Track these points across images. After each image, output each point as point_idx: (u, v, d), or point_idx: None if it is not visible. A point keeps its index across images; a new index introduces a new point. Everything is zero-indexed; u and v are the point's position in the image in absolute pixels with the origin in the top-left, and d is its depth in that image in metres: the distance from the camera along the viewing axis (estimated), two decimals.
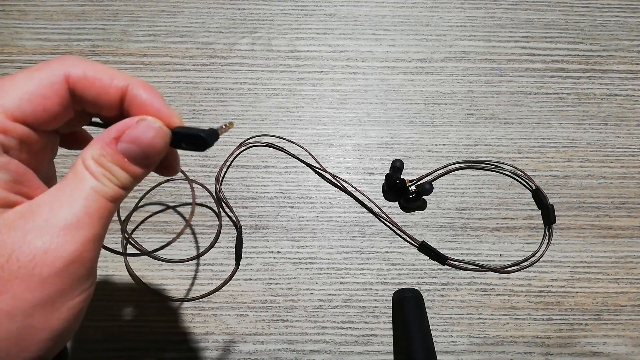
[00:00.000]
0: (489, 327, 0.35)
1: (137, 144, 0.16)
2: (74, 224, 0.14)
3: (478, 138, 0.41)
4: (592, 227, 0.38)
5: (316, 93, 0.43)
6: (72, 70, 0.16)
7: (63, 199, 0.15)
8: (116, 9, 0.45)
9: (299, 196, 0.39)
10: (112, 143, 0.16)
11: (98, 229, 0.15)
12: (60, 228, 0.14)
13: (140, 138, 0.16)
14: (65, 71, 0.16)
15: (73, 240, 0.14)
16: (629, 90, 0.43)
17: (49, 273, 0.14)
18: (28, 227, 0.14)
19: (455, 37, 0.45)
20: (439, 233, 0.38)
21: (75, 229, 0.14)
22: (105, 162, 0.16)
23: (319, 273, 0.37)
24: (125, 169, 0.16)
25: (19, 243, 0.14)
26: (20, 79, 0.15)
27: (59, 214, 0.14)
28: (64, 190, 0.15)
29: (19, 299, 0.14)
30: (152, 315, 0.35)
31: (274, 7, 0.46)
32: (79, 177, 0.15)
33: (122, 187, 0.16)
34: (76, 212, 0.15)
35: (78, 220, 0.15)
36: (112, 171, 0.16)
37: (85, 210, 0.15)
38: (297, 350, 0.34)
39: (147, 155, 0.16)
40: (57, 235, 0.14)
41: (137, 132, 0.16)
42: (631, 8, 0.46)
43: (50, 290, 0.14)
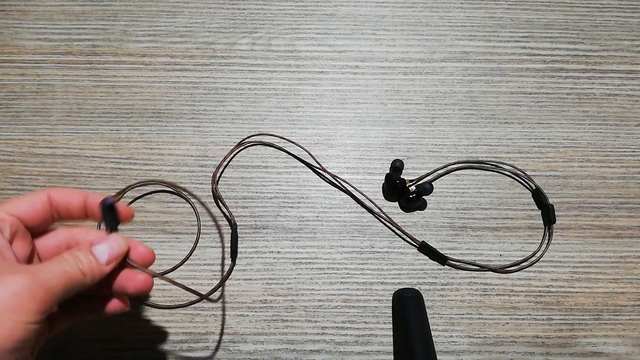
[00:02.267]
0: (489, 327, 0.35)
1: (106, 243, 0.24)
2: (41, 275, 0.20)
3: (478, 138, 0.41)
4: (592, 227, 0.38)
5: (316, 93, 0.43)
6: (51, 192, 0.25)
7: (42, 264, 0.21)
8: (116, 9, 0.45)
9: (299, 196, 0.39)
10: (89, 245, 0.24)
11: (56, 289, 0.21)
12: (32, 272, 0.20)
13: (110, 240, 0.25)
14: (47, 192, 0.25)
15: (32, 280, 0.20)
16: (629, 90, 0.43)
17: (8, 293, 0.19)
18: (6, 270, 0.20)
19: (455, 37, 0.45)
20: (439, 233, 0.38)
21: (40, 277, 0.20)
22: (78, 254, 0.23)
23: (319, 273, 0.37)
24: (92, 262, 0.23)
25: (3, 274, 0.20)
26: (19, 198, 0.24)
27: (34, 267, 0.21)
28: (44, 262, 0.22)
29: None
30: (152, 315, 0.35)
31: (274, 7, 0.46)
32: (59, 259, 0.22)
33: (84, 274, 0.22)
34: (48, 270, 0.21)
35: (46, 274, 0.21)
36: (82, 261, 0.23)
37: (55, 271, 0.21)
38: (297, 350, 0.34)
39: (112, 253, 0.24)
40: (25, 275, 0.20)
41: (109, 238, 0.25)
42: (631, 8, 0.46)
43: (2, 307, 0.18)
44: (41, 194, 0.24)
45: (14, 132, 0.40)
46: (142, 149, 0.40)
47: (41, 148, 0.40)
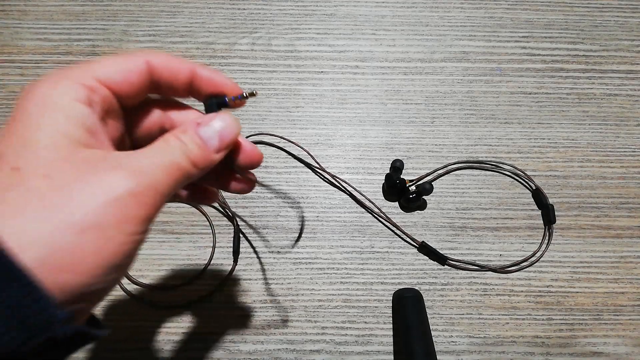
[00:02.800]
0: (489, 327, 0.35)
1: (214, 125, 0.19)
2: (145, 170, 0.16)
3: (478, 138, 0.41)
4: (592, 227, 0.38)
5: (316, 93, 0.43)
6: (152, 57, 0.19)
7: (141, 152, 0.17)
8: (116, 9, 0.45)
9: (299, 196, 0.39)
10: (193, 124, 0.19)
11: (164, 188, 0.17)
12: (131, 168, 0.16)
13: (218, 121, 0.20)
14: (146, 57, 0.19)
15: (139, 181, 0.16)
16: (629, 90, 0.43)
17: (109, 201, 0.15)
18: (103, 163, 0.16)
19: (455, 37, 0.45)
20: (439, 233, 0.38)
21: (145, 173, 0.16)
22: (185, 138, 0.18)
23: (319, 273, 0.37)
24: (201, 149, 0.19)
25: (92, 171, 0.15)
26: (109, 59, 0.18)
27: (135, 159, 0.16)
28: (143, 149, 0.17)
29: (76, 216, 0.14)
30: (151, 315, 0.35)
31: (274, 7, 0.46)
32: (158, 144, 0.18)
33: (194, 165, 0.18)
34: (152, 162, 0.17)
35: (151, 168, 0.16)
36: (189, 145, 0.18)
37: (158, 164, 0.17)
38: (297, 350, 0.34)
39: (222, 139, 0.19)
40: (127, 172, 0.16)
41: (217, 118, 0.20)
42: (631, 8, 0.46)
43: (107, 217, 0.15)
44: (139, 60, 0.19)
45: None
46: None
47: None
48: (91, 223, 0.14)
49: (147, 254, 0.37)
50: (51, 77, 0.17)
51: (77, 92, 0.17)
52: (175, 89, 0.20)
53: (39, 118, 0.16)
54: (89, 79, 0.17)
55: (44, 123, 0.16)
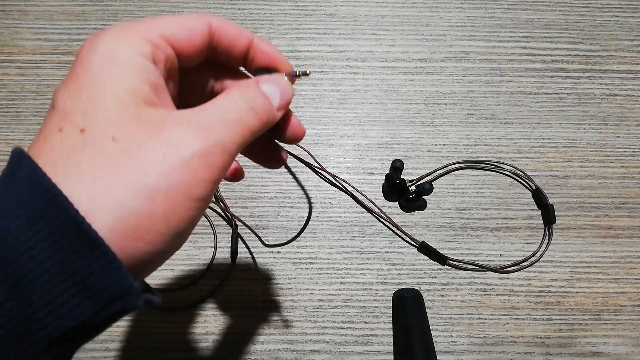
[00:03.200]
0: (489, 327, 0.35)
1: (275, 84, 0.19)
2: (213, 124, 0.16)
3: (478, 138, 0.41)
4: (592, 227, 0.38)
5: (316, 93, 0.43)
6: (213, 20, 0.19)
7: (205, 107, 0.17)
8: (116, 9, 0.45)
9: (299, 196, 0.39)
10: (254, 81, 0.19)
11: (232, 146, 0.16)
12: (200, 126, 0.15)
13: (277, 81, 0.19)
14: (208, 19, 0.18)
15: (205, 141, 0.15)
16: (629, 90, 0.43)
17: (178, 163, 0.14)
18: (170, 122, 0.15)
19: (455, 37, 0.45)
20: (439, 233, 0.38)
21: (212, 132, 0.16)
22: (248, 92, 0.18)
23: (319, 273, 0.37)
24: (265, 104, 0.19)
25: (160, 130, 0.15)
26: (174, 17, 0.18)
27: (200, 114, 0.16)
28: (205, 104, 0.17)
29: (147, 181, 0.14)
30: (151, 315, 0.35)
31: (274, 7, 0.46)
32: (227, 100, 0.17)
33: (260, 120, 0.18)
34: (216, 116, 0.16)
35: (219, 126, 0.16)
36: (253, 99, 0.18)
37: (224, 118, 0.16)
38: (297, 350, 0.34)
39: (283, 96, 0.19)
40: (195, 131, 0.15)
41: (274, 78, 0.20)
42: (631, 8, 0.46)
43: (177, 181, 0.14)
44: (202, 21, 0.18)
45: (14, 132, 0.40)
46: None
47: None
48: (161, 188, 0.14)
49: None
50: (115, 29, 0.16)
51: (143, 48, 0.16)
52: (231, 55, 0.20)
53: (104, 74, 0.15)
54: (155, 34, 0.17)
55: (110, 80, 0.15)
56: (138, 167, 0.14)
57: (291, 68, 0.21)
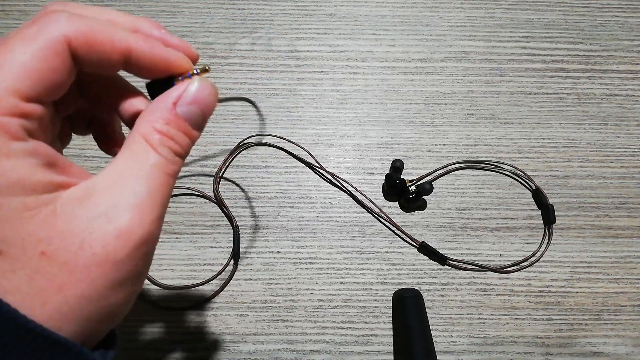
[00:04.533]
0: (489, 327, 0.35)
1: (197, 104, 0.16)
2: (140, 207, 0.15)
3: (478, 138, 0.41)
4: (592, 227, 0.38)
5: (316, 93, 0.43)
6: (72, 35, 0.14)
7: (123, 181, 0.15)
8: (116, 9, 0.45)
9: (299, 196, 0.39)
10: (172, 109, 0.16)
11: (162, 209, 0.16)
12: (128, 211, 0.14)
13: (199, 98, 0.16)
14: (65, 35, 0.14)
15: (141, 223, 0.14)
16: (629, 90, 0.43)
17: (122, 256, 0.14)
18: (92, 213, 0.14)
19: (455, 37, 0.45)
20: (439, 233, 0.38)
21: (142, 211, 0.15)
22: (169, 130, 0.15)
23: (319, 273, 0.37)
24: (187, 134, 0.16)
25: (88, 230, 0.14)
26: (20, 52, 0.14)
27: (123, 197, 0.14)
28: (123, 171, 0.15)
29: (97, 284, 0.14)
30: (151, 315, 0.35)
31: (274, 7, 0.46)
32: (137, 155, 0.15)
33: (182, 156, 0.16)
34: (140, 194, 0.15)
35: (143, 202, 0.15)
36: (175, 139, 0.16)
37: (148, 191, 0.15)
38: (297, 350, 0.34)
39: (205, 115, 0.17)
40: (126, 219, 0.14)
41: (195, 93, 0.16)
42: (631, 8, 0.46)
43: (124, 272, 0.14)
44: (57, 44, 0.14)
45: None
46: None
47: None
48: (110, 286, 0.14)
49: None
50: None
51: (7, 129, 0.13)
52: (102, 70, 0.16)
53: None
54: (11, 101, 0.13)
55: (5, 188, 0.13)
56: (83, 279, 0.14)
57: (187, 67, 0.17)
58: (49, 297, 0.13)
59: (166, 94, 0.16)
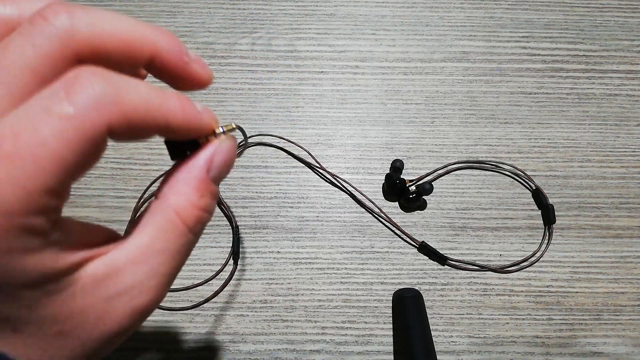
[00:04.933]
0: (489, 327, 0.35)
1: (225, 167, 0.15)
2: (160, 286, 0.15)
3: (478, 138, 0.41)
4: (592, 227, 0.38)
5: (316, 93, 0.43)
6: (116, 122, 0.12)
7: (149, 260, 0.14)
8: (116, 9, 0.45)
9: (299, 196, 0.39)
10: (206, 177, 0.15)
11: (176, 274, 0.16)
12: (149, 292, 0.15)
13: (226, 161, 0.15)
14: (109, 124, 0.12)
15: (157, 300, 0.15)
16: (629, 90, 0.43)
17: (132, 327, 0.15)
18: (112, 292, 0.14)
19: (455, 37, 0.45)
20: (439, 233, 0.38)
21: (161, 290, 0.15)
22: (206, 202, 0.15)
23: (319, 273, 0.37)
24: (215, 197, 0.16)
25: (105, 310, 0.14)
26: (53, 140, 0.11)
27: (146, 278, 0.14)
28: (148, 248, 0.14)
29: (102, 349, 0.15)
30: (151, 315, 0.35)
31: (274, 7, 0.46)
32: (167, 234, 0.14)
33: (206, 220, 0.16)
34: (163, 276, 0.15)
35: (164, 282, 0.15)
36: (208, 208, 0.15)
37: (170, 273, 0.15)
38: (297, 350, 0.34)
39: (227, 173, 0.16)
40: (146, 299, 0.15)
41: (223, 156, 0.15)
42: (631, 8, 0.46)
43: (126, 334, 0.15)
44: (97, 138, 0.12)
45: None
46: (142, 149, 0.40)
47: None
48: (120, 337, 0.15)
49: None
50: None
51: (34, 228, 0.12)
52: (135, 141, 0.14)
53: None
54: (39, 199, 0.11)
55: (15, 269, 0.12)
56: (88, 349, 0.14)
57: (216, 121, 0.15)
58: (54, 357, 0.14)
59: (196, 160, 0.15)
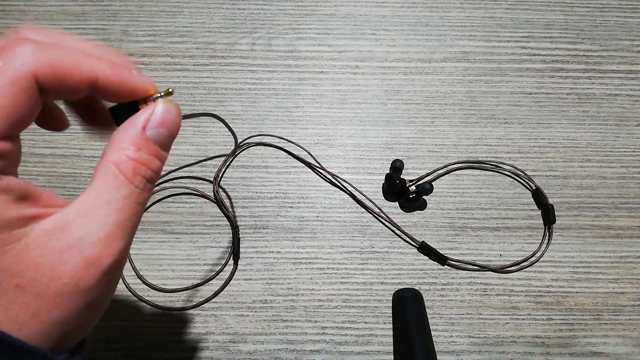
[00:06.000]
0: (489, 327, 0.35)
1: (164, 126, 0.17)
2: (109, 238, 0.15)
3: (478, 138, 0.41)
4: (592, 227, 0.38)
5: (316, 93, 0.43)
6: (39, 69, 0.14)
7: (94, 213, 0.15)
8: (116, 9, 0.45)
9: (299, 196, 0.39)
10: (142, 133, 0.16)
11: (130, 237, 0.16)
12: (96, 243, 0.15)
13: (166, 119, 0.17)
14: (31, 70, 0.14)
15: (110, 253, 0.15)
16: (629, 90, 0.43)
17: (90, 285, 0.15)
18: (62, 245, 0.15)
19: (455, 37, 0.45)
20: (439, 233, 0.38)
21: (111, 242, 0.15)
22: (142, 156, 0.16)
23: (319, 273, 0.37)
24: (158, 157, 0.16)
25: (58, 263, 0.14)
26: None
27: (92, 229, 0.15)
28: (94, 202, 0.15)
29: (69, 310, 0.15)
30: (152, 315, 0.35)
31: (274, 7, 0.46)
32: (109, 186, 0.15)
33: (154, 181, 0.17)
34: (110, 227, 0.15)
35: (112, 234, 0.15)
36: (148, 164, 0.16)
37: (118, 224, 0.15)
38: (297, 350, 0.34)
39: (172, 135, 0.17)
40: (95, 251, 0.15)
41: (162, 115, 0.17)
42: (631, 8, 0.46)
43: (93, 297, 0.15)
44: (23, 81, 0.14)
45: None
46: None
47: (41, 148, 0.40)
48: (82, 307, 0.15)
49: (147, 254, 0.37)
50: None
51: None
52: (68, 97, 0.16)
53: None
54: None
55: None
56: (57, 306, 0.14)
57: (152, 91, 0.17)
58: (24, 323, 0.14)
59: (134, 119, 0.17)
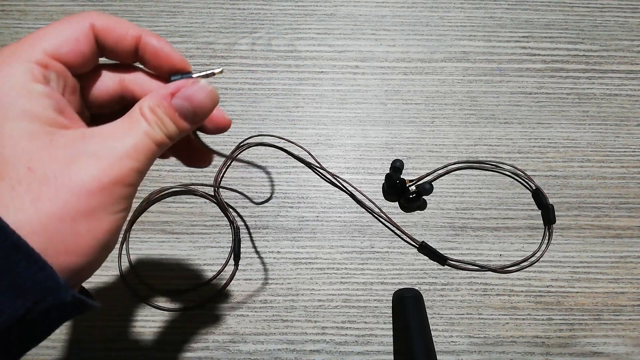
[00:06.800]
0: (489, 327, 0.35)
1: (189, 102, 0.19)
2: (123, 155, 0.17)
3: (478, 138, 0.41)
4: (592, 227, 0.38)
5: (316, 93, 0.43)
6: (96, 21, 0.18)
7: (116, 134, 0.17)
8: (116, 9, 0.45)
9: (299, 196, 0.39)
10: (167, 97, 0.18)
11: (142, 164, 0.17)
12: (111, 156, 0.16)
13: (192, 97, 0.19)
14: (90, 21, 0.18)
15: (120, 167, 0.16)
16: (629, 90, 0.43)
17: (96, 189, 0.16)
18: (81, 150, 0.16)
19: (455, 37, 0.45)
20: (439, 233, 0.38)
21: (124, 159, 0.17)
22: (158, 112, 0.18)
23: (319, 273, 0.37)
24: (174, 122, 0.19)
25: (74, 160, 0.16)
26: (54, 28, 0.18)
27: (112, 144, 0.17)
28: (117, 127, 0.17)
29: (68, 206, 0.15)
30: (152, 315, 0.35)
31: (274, 7, 0.46)
32: (133, 120, 0.18)
33: (169, 136, 0.18)
34: (126, 146, 0.17)
35: (127, 152, 0.17)
36: (163, 121, 0.18)
37: (134, 146, 0.17)
38: (297, 350, 0.34)
39: (196, 113, 0.19)
40: (108, 162, 0.16)
41: (190, 91, 0.19)
42: (631, 8, 0.46)
43: (95, 203, 0.16)
44: (83, 26, 0.18)
45: None
46: None
47: None
48: (81, 211, 0.15)
49: (147, 254, 0.37)
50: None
51: (34, 72, 0.16)
52: (119, 54, 0.20)
53: (4, 106, 0.16)
54: (39, 55, 0.17)
55: (12, 111, 0.16)
56: (58, 197, 0.15)
57: (186, 66, 0.21)
58: (23, 206, 0.14)
59: (169, 85, 0.19)
